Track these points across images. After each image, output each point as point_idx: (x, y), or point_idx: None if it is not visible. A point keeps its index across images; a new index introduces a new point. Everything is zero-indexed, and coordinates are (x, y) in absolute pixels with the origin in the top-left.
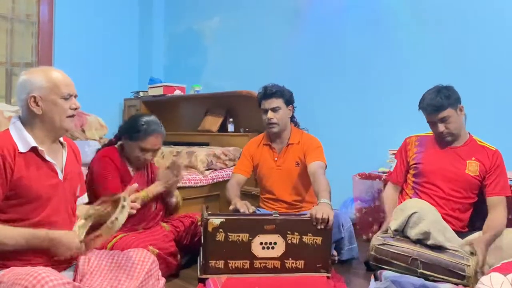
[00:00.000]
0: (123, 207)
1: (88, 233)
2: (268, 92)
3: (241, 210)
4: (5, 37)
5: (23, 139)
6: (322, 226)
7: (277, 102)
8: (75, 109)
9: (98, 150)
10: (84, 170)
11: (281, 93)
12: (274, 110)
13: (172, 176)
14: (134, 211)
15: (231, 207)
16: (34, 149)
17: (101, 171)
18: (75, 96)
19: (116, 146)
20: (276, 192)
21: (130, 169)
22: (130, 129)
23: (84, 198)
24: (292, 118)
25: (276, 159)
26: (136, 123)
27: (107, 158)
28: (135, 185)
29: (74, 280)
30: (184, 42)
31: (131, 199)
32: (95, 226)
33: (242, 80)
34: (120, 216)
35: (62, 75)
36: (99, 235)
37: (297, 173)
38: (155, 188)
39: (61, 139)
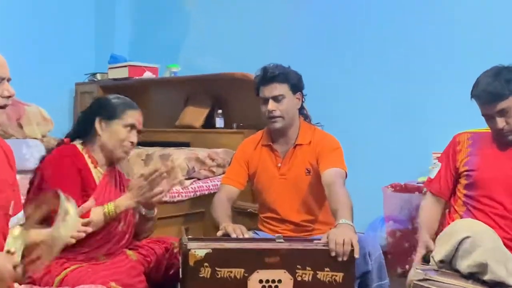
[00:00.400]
0: (66, 214)
1: (24, 254)
2: (269, 76)
3: (233, 236)
4: None
5: None
6: (345, 258)
7: (280, 89)
8: (8, 97)
9: (43, 158)
10: (21, 181)
11: (286, 77)
12: (276, 99)
13: (148, 188)
14: (83, 235)
15: (219, 233)
16: None
17: (57, 175)
18: (8, 80)
19: (75, 143)
20: (280, 209)
21: (96, 175)
22: (103, 109)
23: (19, 218)
24: (301, 110)
25: (279, 165)
26: (106, 100)
27: (67, 158)
28: (92, 202)
29: None
30: (156, 8)
31: (83, 222)
32: (32, 246)
33: (235, 58)
34: (63, 229)
35: None
36: (39, 257)
37: (308, 183)
38: (125, 201)
39: None
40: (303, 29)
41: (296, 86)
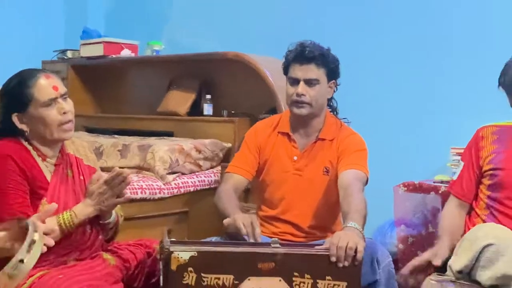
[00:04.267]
0: (32, 242)
1: None
2: (308, 55)
3: (243, 232)
4: None
5: None
6: (347, 263)
7: (316, 73)
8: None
9: None
10: None
11: (325, 60)
12: (309, 82)
13: (110, 194)
14: (45, 249)
15: (226, 221)
16: None
17: None
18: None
19: (18, 139)
20: (286, 209)
21: (46, 170)
22: (10, 102)
23: None
24: (330, 101)
25: (295, 158)
26: (7, 90)
27: (7, 158)
28: (54, 205)
29: None
30: None
31: (44, 229)
32: None
33: (227, 36)
34: (28, 257)
35: None
36: None
37: (324, 185)
38: (85, 209)
39: None
40: (311, 7)
41: (333, 73)
